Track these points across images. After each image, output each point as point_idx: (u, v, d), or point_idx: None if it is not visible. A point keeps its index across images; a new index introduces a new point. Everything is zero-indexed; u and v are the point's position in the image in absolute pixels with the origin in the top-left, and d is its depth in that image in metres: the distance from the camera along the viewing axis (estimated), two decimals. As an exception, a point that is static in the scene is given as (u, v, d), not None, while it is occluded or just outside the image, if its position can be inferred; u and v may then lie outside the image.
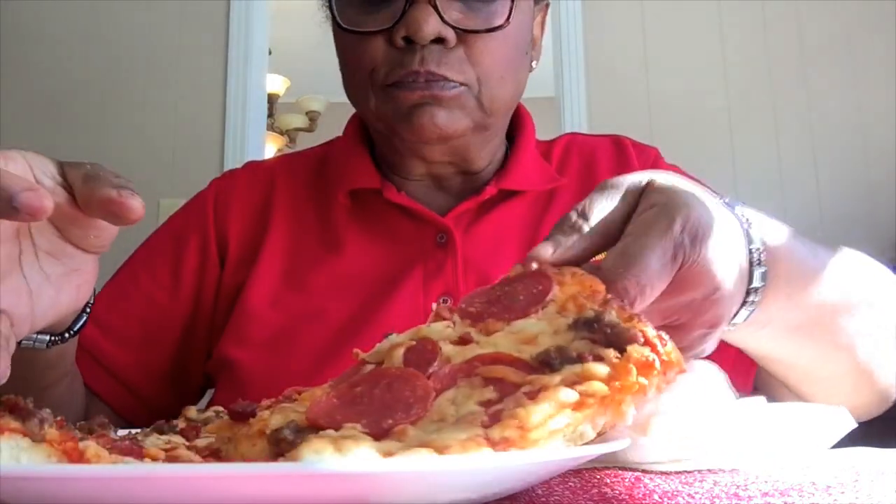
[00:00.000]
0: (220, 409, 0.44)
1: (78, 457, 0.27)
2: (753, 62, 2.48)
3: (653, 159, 0.82)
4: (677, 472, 0.39)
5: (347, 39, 0.70)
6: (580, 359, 0.33)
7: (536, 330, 0.37)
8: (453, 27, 0.66)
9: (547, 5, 0.80)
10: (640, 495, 0.33)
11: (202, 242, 0.78)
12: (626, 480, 0.37)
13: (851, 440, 0.46)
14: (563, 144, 0.84)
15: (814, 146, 2.44)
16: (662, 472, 0.39)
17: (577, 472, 0.39)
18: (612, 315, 0.35)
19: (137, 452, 0.32)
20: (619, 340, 0.34)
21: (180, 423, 0.43)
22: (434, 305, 0.43)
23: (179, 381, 0.77)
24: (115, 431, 0.40)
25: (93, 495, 0.25)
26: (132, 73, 2.35)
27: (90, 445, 0.28)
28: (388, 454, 0.28)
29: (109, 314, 0.74)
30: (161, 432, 0.41)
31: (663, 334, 0.35)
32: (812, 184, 2.42)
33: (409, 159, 0.75)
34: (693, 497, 0.33)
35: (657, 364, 0.33)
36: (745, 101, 2.46)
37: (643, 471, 0.40)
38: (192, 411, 0.45)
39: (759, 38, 2.50)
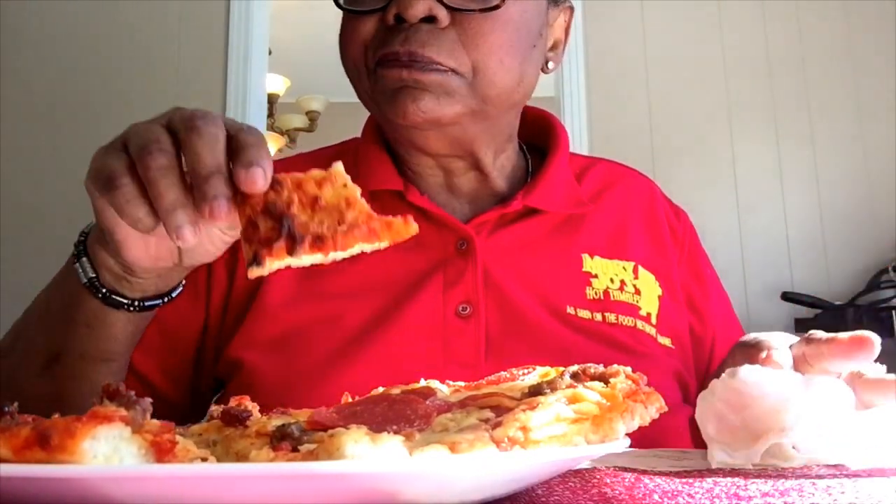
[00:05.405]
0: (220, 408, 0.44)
1: (167, 450, 0.27)
2: (753, 62, 2.48)
3: (684, 220, 0.85)
4: (677, 472, 0.39)
5: (346, 19, 0.70)
6: (570, 388, 0.37)
7: (525, 384, 0.41)
8: (446, 5, 0.65)
9: (571, 8, 0.78)
10: (640, 495, 0.33)
11: None
12: (626, 480, 0.37)
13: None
14: (602, 173, 0.83)
15: (814, 146, 2.44)
16: (662, 473, 0.39)
17: (577, 472, 0.39)
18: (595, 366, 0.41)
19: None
20: (602, 378, 0.38)
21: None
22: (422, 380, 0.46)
23: (198, 381, 0.76)
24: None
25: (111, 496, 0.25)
26: (132, 73, 2.35)
27: (180, 440, 0.28)
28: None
29: None
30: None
31: (641, 374, 0.39)
32: (812, 184, 2.42)
33: (416, 154, 0.74)
34: (693, 497, 0.33)
35: (641, 386, 0.38)
36: (745, 101, 2.46)
37: (643, 471, 0.40)
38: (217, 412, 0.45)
39: (759, 37, 2.50)
